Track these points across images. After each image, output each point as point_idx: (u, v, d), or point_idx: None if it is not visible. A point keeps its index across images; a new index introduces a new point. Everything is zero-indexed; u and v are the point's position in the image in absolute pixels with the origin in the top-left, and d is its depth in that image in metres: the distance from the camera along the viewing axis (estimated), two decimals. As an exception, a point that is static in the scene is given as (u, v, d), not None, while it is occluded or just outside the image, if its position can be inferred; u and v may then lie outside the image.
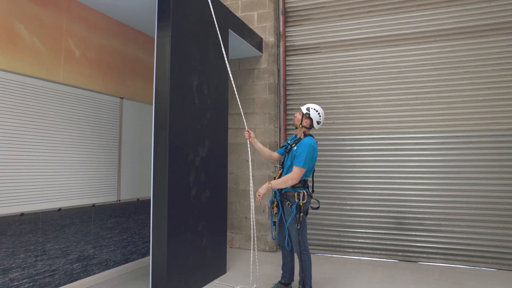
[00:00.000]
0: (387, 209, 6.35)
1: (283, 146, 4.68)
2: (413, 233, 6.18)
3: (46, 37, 4.37)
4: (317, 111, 4.50)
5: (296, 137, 4.62)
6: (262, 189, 4.34)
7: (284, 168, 4.54)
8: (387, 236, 6.33)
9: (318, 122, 4.53)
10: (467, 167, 5.98)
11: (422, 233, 6.13)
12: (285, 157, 4.58)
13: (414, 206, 6.20)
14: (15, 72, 3.97)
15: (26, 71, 4.11)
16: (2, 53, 3.87)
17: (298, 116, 4.57)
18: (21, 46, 4.07)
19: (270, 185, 4.32)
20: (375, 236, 6.40)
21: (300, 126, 4.54)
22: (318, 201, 5.13)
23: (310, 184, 4.56)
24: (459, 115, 6.05)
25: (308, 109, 4.51)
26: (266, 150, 4.79)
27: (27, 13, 4.15)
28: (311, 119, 4.50)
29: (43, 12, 4.33)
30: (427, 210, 6.12)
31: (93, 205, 4.98)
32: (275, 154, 4.78)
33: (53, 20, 4.47)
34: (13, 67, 3.97)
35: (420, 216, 6.15)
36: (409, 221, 6.21)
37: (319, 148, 6.73)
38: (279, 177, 4.54)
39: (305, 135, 4.49)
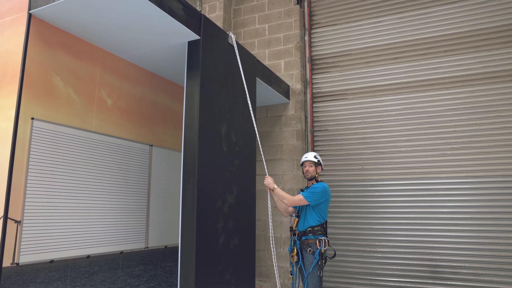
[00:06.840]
0: (420, 257, 6.13)
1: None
2: (449, 282, 5.91)
3: (80, 88, 4.54)
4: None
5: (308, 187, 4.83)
6: (269, 180, 4.58)
7: (300, 216, 4.66)
8: (420, 286, 6.07)
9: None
10: (504, 213, 5.75)
11: (458, 283, 5.85)
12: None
13: (449, 254, 5.96)
14: (50, 121, 4.11)
15: (61, 120, 4.26)
16: (39, 104, 4.03)
17: (311, 167, 4.72)
18: (57, 97, 4.24)
19: (274, 188, 4.54)
20: (408, 285, 6.14)
21: (317, 175, 4.75)
22: (334, 250, 5.06)
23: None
24: (492, 159, 5.91)
25: (315, 157, 4.73)
26: (282, 203, 4.88)
27: (64, 66, 4.34)
28: (321, 164, 4.76)
29: (78, 64, 4.52)
30: (462, 259, 5.87)
31: (121, 252, 4.98)
32: (290, 208, 4.88)
33: (87, 72, 4.65)
34: (48, 117, 4.11)
35: (455, 264, 5.90)
36: (444, 269, 5.96)
37: (346, 194, 6.71)
38: (296, 225, 4.66)
39: (318, 182, 4.70)
